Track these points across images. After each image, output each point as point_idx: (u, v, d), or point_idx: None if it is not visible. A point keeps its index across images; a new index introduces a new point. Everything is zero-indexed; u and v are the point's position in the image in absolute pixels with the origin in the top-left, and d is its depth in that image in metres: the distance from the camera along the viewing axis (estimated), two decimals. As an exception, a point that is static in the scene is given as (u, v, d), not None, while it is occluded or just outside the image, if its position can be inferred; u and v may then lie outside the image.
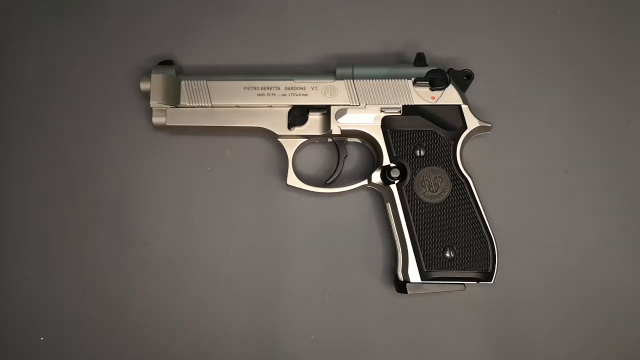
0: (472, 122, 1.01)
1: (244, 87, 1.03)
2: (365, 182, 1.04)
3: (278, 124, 1.04)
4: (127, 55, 1.13)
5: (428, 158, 1.00)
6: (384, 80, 1.02)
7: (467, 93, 1.04)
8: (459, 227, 0.98)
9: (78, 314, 1.07)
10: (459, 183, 0.99)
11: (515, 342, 1.04)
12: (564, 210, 1.07)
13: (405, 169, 1.00)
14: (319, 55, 1.12)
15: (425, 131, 1.01)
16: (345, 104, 1.03)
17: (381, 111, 1.02)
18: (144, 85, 1.05)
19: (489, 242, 0.98)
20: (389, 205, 1.02)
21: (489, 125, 1.02)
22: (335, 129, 1.03)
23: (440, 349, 1.05)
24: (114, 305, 1.07)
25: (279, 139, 1.05)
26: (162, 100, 1.04)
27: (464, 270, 0.97)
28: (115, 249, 1.08)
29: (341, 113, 1.03)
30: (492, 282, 0.98)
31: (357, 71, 1.03)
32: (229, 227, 1.08)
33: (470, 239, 0.98)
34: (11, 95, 1.13)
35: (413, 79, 1.02)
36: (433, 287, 0.98)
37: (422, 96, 1.02)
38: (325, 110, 1.03)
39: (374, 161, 1.06)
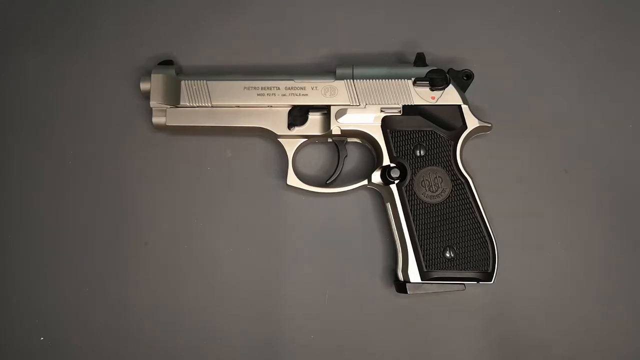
0: (472, 122, 1.01)
1: (244, 87, 1.03)
2: (365, 182, 1.04)
3: (278, 124, 1.04)
4: (127, 55, 1.13)
5: (428, 158, 1.00)
6: (384, 80, 1.02)
7: (467, 93, 1.04)
8: (459, 227, 0.98)
9: (78, 314, 1.07)
10: (459, 183, 0.99)
11: (515, 342, 1.04)
12: (564, 210, 1.07)
13: (405, 169, 1.00)
14: (319, 55, 1.12)
15: (425, 131, 1.01)
16: (345, 104, 1.03)
17: (381, 111, 1.02)
18: (144, 85, 1.05)
19: (489, 242, 0.98)
20: (389, 205, 1.02)
21: (489, 125, 1.02)
22: (335, 129, 1.03)
23: (440, 348, 1.05)
24: (114, 305, 1.07)
25: (279, 139, 1.05)
26: (162, 100, 1.04)
27: (464, 270, 0.97)
28: (115, 249, 1.08)
29: (341, 113, 1.03)
30: (492, 282, 0.98)
31: (357, 71, 1.03)
32: (229, 227, 1.08)
33: (470, 239, 0.98)
34: (11, 95, 1.13)
35: (413, 79, 1.02)
36: (433, 287, 0.98)
37: (422, 96, 1.02)
38: (325, 110, 1.03)
39: (374, 161, 1.06)
